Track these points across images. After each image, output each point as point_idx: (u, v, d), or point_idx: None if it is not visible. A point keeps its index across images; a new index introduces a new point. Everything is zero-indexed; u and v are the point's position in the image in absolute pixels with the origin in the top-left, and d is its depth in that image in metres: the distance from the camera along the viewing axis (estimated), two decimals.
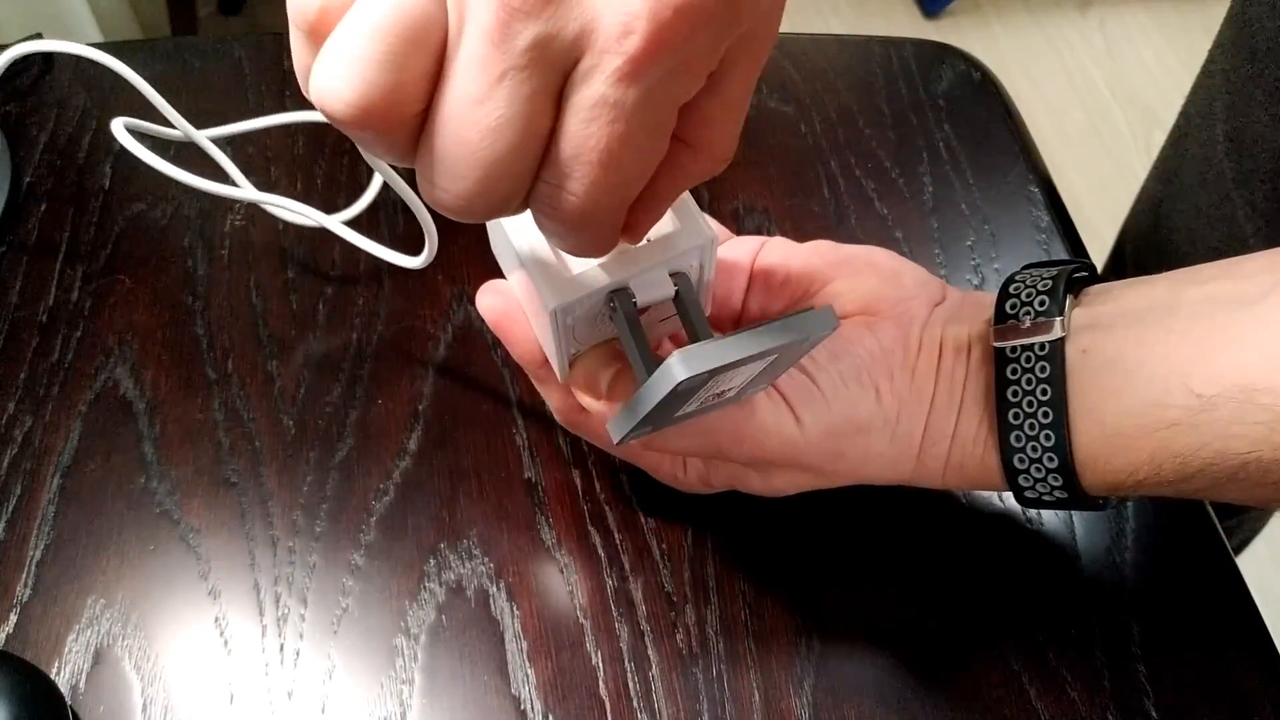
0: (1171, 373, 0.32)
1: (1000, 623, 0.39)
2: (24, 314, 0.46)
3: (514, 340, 0.36)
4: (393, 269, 0.48)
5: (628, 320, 0.32)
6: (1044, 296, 0.34)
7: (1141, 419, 0.32)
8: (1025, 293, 0.35)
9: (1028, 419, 0.34)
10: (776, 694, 0.38)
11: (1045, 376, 0.34)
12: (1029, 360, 0.34)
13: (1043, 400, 0.34)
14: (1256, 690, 0.38)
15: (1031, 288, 0.35)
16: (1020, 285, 0.35)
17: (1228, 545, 0.42)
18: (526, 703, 0.37)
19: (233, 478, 0.42)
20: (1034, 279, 0.35)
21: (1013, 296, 0.35)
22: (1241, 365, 0.31)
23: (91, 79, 0.54)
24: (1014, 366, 0.34)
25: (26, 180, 0.50)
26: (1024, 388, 0.34)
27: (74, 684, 0.37)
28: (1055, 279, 0.35)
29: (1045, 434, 0.34)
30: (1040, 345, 0.34)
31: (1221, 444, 0.31)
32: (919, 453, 0.36)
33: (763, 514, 0.41)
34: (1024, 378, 0.34)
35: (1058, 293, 0.34)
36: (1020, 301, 0.35)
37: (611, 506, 0.41)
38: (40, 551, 0.39)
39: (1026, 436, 0.34)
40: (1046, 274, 0.35)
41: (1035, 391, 0.34)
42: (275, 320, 0.46)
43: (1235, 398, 0.31)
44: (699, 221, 0.32)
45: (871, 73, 0.58)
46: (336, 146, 0.52)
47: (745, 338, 0.29)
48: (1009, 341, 0.35)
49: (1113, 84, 1.76)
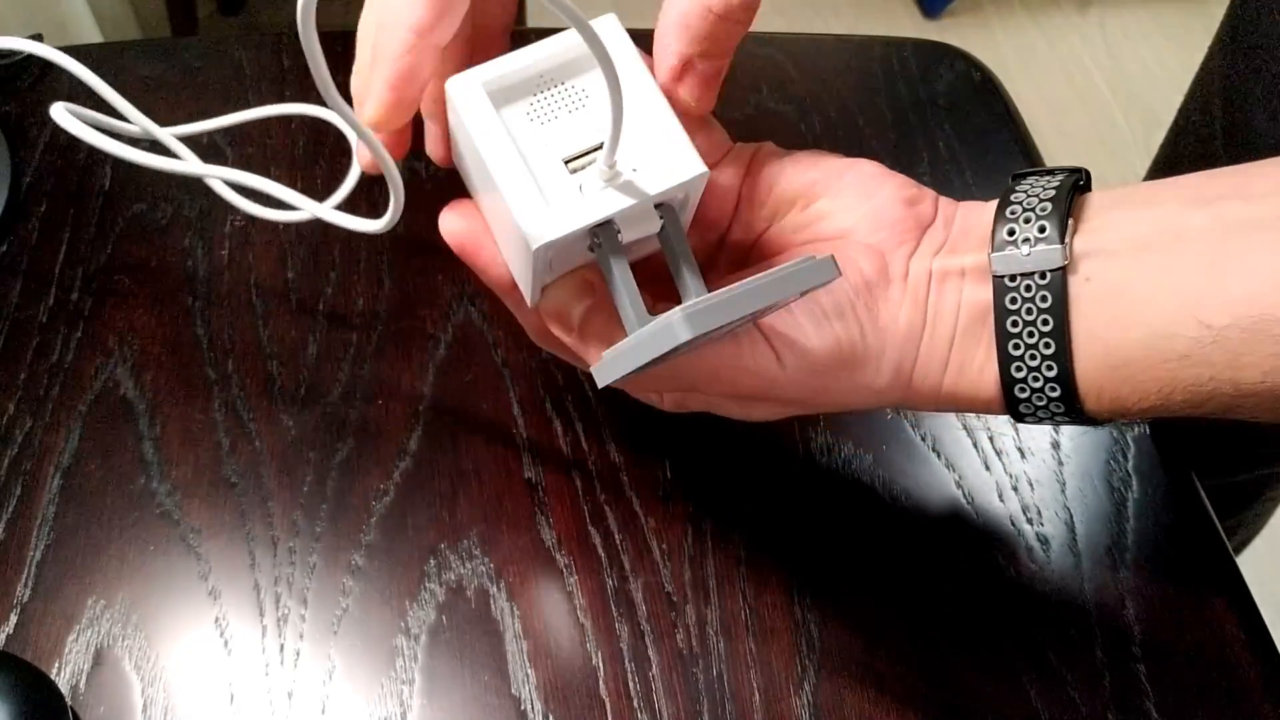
0: (1179, 303, 0.31)
1: (1000, 623, 0.39)
2: (24, 314, 0.46)
3: (482, 266, 0.34)
4: (393, 269, 0.48)
5: (614, 262, 0.31)
6: (1043, 222, 0.32)
7: (1149, 350, 0.31)
8: (1024, 216, 0.33)
9: (1029, 349, 0.33)
10: (776, 694, 0.38)
11: (1047, 307, 0.32)
12: (1029, 289, 0.32)
13: (1044, 331, 0.32)
14: (1257, 690, 0.38)
15: (1030, 210, 0.33)
16: (1018, 208, 0.33)
17: (1228, 545, 0.42)
18: (526, 703, 0.37)
19: (233, 478, 0.42)
20: (1031, 198, 0.33)
21: (1010, 220, 0.33)
22: (1251, 294, 0.30)
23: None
24: (1013, 296, 0.33)
25: (26, 180, 0.50)
26: (1024, 318, 0.33)
27: (74, 684, 0.37)
28: (1054, 199, 0.33)
29: (1047, 364, 0.33)
30: (1041, 274, 0.32)
31: (1232, 373, 0.30)
32: (909, 382, 0.35)
33: (764, 514, 0.42)
34: (1024, 307, 0.33)
35: (1058, 215, 0.32)
36: (1019, 226, 0.33)
37: (611, 506, 0.41)
38: (40, 552, 0.39)
39: (1028, 366, 0.33)
40: (1045, 191, 0.33)
41: (1036, 322, 0.32)
42: (275, 320, 0.46)
43: (1246, 328, 0.30)
44: (690, 153, 0.31)
45: (871, 73, 0.58)
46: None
47: (746, 293, 0.28)
48: (1008, 270, 0.33)
49: (1113, 84, 1.76)
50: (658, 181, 0.30)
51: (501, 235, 0.33)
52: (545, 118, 0.31)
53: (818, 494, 0.42)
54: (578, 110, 0.31)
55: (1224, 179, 0.33)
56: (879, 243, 0.34)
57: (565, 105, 0.31)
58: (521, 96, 0.31)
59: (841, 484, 0.42)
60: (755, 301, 0.28)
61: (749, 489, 0.42)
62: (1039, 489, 0.43)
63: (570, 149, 0.31)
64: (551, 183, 0.30)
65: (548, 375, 0.45)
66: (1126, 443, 0.44)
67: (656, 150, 0.31)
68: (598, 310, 0.33)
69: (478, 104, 0.30)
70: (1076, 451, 0.44)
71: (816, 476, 0.43)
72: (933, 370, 0.34)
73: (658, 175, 0.30)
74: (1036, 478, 0.43)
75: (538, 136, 0.31)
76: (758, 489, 0.42)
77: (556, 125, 0.31)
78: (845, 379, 0.34)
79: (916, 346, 0.34)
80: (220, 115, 0.47)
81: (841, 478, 0.43)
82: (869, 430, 0.44)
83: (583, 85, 0.31)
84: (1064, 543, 0.41)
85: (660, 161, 0.31)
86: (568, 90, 0.31)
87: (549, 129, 0.31)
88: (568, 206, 0.30)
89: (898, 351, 0.34)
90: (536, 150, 0.31)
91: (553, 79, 0.31)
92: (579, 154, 0.31)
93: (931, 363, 0.34)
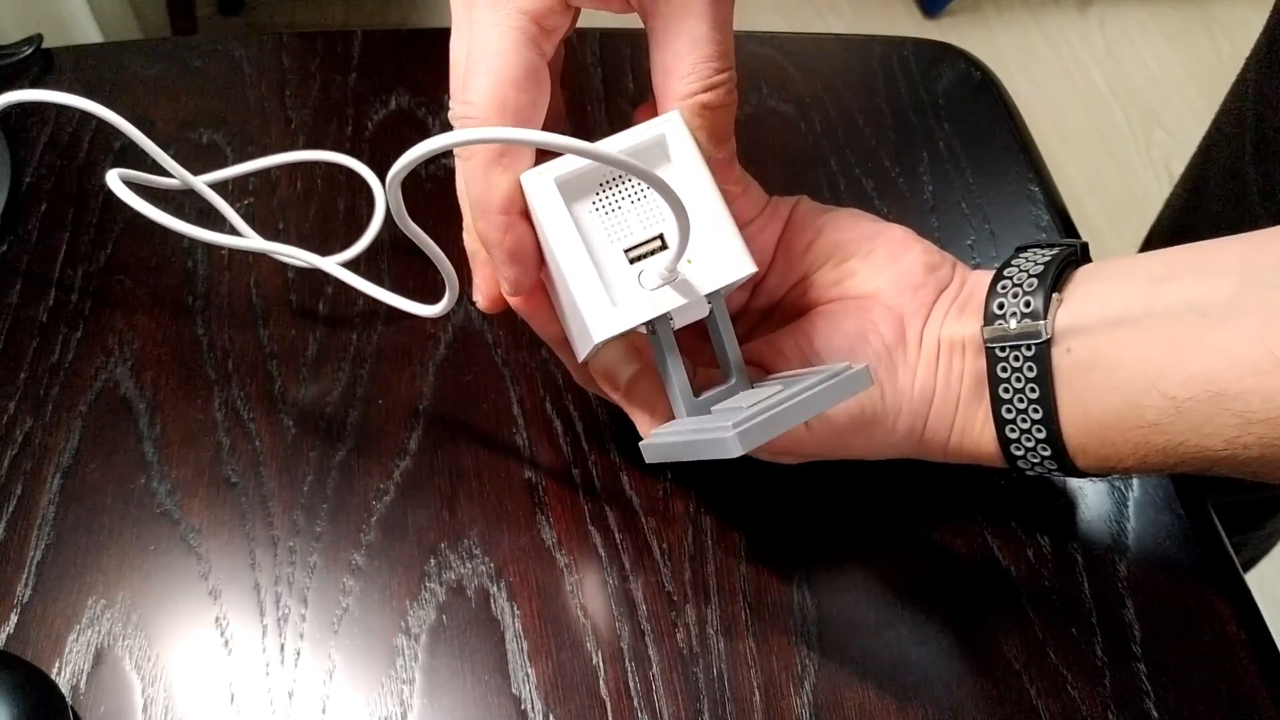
0: (1145, 376, 0.33)
1: (1001, 622, 0.39)
2: (24, 314, 0.46)
3: (539, 325, 0.37)
4: (393, 269, 0.48)
5: (665, 349, 0.34)
6: (1029, 298, 0.35)
7: (1122, 416, 0.34)
8: (1013, 292, 0.36)
9: (1019, 414, 0.36)
10: (776, 694, 0.38)
11: (1033, 376, 0.35)
12: (1018, 360, 0.35)
13: (1032, 398, 0.35)
14: (1257, 690, 0.38)
15: (1019, 286, 0.36)
16: (1008, 283, 0.36)
17: (1228, 545, 0.42)
18: (527, 702, 0.37)
19: (233, 478, 0.42)
20: (1022, 273, 0.36)
21: (1000, 296, 0.36)
22: (1210, 370, 0.32)
23: (92, 79, 0.54)
24: (1004, 365, 0.36)
25: (26, 180, 0.50)
26: (1014, 385, 0.36)
27: (74, 684, 0.37)
28: (1041, 275, 0.36)
29: (1037, 427, 0.36)
30: (1027, 346, 0.35)
31: (1198, 440, 0.33)
32: (921, 438, 0.38)
33: (764, 513, 0.42)
34: (1014, 375, 0.36)
35: (1043, 293, 0.35)
36: (1008, 301, 0.36)
37: (611, 506, 0.41)
38: (40, 551, 0.39)
39: (1020, 429, 0.36)
40: (1035, 267, 0.36)
41: (1025, 389, 0.35)
42: (275, 320, 0.46)
43: (1206, 401, 0.32)
44: (742, 252, 0.33)
45: (871, 72, 0.58)
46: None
47: (792, 407, 0.30)
48: (998, 342, 0.36)
49: (1113, 84, 1.76)
50: (711, 279, 0.33)
51: (564, 305, 0.35)
52: (610, 208, 0.34)
53: (818, 494, 0.42)
54: (640, 201, 0.34)
55: (1190, 255, 0.35)
56: (900, 305, 0.37)
57: (629, 197, 0.34)
58: (589, 189, 0.34)
59: (841, 484, 0.42)
60: (800, 414, 0.30)
61: (749, 489, 0.42)
62: (1039, 488, 0.43)
63: (631, 239, 0.34)
64: (613, 274, 0.33)
65: (548, 375, 0.45)
66: None
67: (711, 246, 0.33)
68: (643, 376, 0.36)
69: (549, 199, 0.33)
70: None
71: (816, 476, 0.43)
72: (941, 429, 0.37)
73: (711, 272, 0.33)
74: (1036, 477, 0.43)
75: (602, 228, 0.34)
76: (758, 489, 0.42)
77: (620, 215, 0.34)
78: (865, 436, 0.37)
79: (929, 407, 0.37)
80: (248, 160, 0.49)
81: (841, 478, 0.42)
82: None
83: None
84: (1064, 542, 0.41)
85: (714, 258, 0.33)
86: (632, 183, 0.34)
87: (612, 219, 0.34)
88: (628, 301, 0.33)
89: (912, 412, 0.37)
90: (601, 242, 0.33)
91: (620, 171, 0.34)
92: (639, 243, 0.34)
93: (940, 422, 0.37)
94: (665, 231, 0.34)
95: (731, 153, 0.35)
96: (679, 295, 0.33)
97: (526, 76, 0.32)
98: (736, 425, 0.29)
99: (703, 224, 0.33)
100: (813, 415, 0.31)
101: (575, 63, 0.56)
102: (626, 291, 0.33)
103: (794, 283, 0.39)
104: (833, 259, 0.38)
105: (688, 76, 0.33)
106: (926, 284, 0.38)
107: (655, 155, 0.34)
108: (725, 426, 0.30)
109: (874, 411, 0.36)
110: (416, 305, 0.43)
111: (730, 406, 0.33)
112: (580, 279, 0.33)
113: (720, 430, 0.30)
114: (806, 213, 0.39)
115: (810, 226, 0.39)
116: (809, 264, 0.39)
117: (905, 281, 0.37)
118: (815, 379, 0.32)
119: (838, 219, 0.39)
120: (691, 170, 0.34)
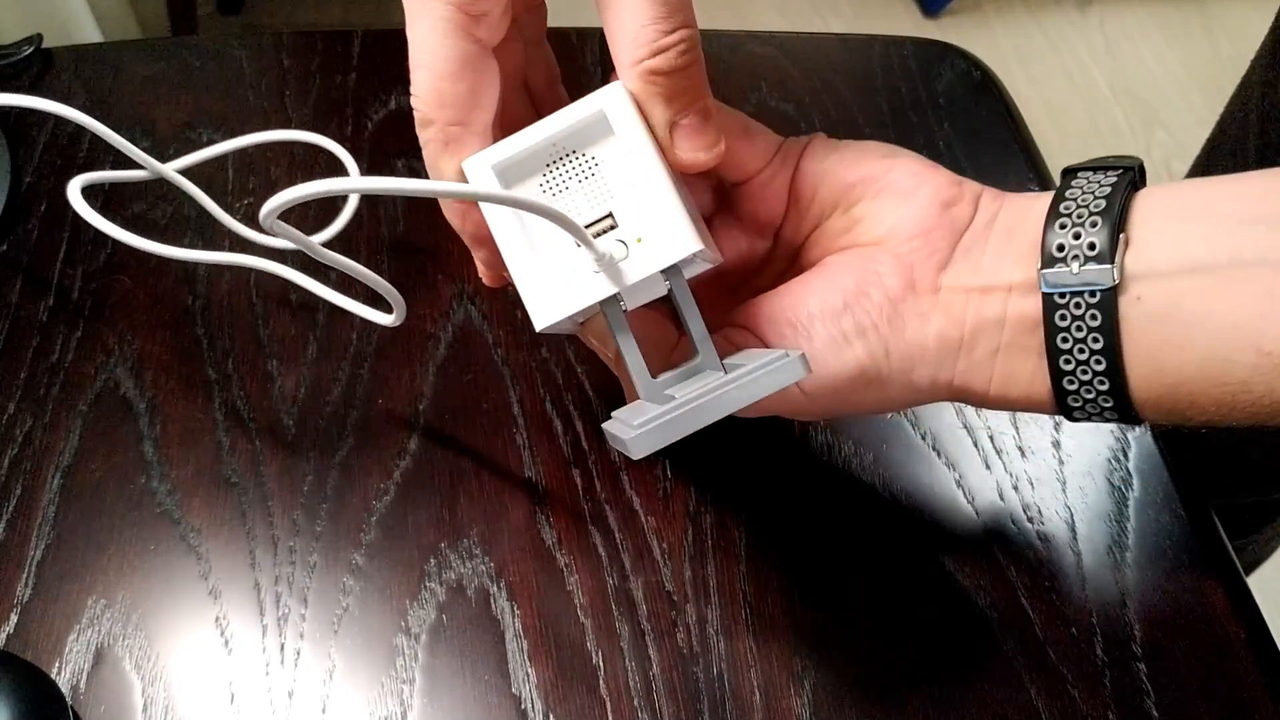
0: (1237, 330, 0.30)
1: (1001, 622, 0.39)
2: (24, 314, 0.46)
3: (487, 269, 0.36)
4: (393, 269, 0.48)
5: (616, 331, 0.33)
6: (1093, 238, 0.32)
7: (1205, 373, 0.31)
8: (1073, 231, 0.32)
9: (1080, 365, 0.32)
10: (776, 693, 0.38)
11: (1097, 325, 0.32)
12: (1079, 307, 0.32)
13: (1095, 348, 0.32)
14: (1257, 690, 0.38)
15: (1080, 224, 0.32)
16: (1068, 220, 0.32)
17: (1228, 545, 0.42)
18: (527, 702, 0.37)
19: (233, 477, 0.42)
20: (1082, 208, 0.32)
21: (1060, 234, 0.32)
22: None
23: (91, 79, 0.54)
24: (1063, 312, 0.32)
25: (26, 180, 0.50)
26: (1074, 335, 0.32)
27: (74, 684, 0.37)
28: (1105, 211, 0.32)
29: (1100, 379, 0.32)
30: (1091, 293, 0.32)
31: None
32: (951, 387, 0.35)
33: (764, 513, 0.42)
34: (1074, 324, 0.32)
35: (1108, 229, 0.31)
36: (1068, 242, 0.32)
37: (611, 506, 0.41)
38: (40, 551, 0.39)
39: (1080, 380, 0.33)
40: (1095, 201, 0.32)
41: (1087, 339, 0.32)
42: (275, 320, 0.46)
43: None
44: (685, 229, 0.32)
45: (871, 72, 0.58)
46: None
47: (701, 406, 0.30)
48: (1057, 288, 0.32)
49: (1113, 83, 1.76)
50: (655, 259, 0.32)
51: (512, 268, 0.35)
52: (558, 188, 0.33)
53: (818, 493, 0.42)
54: (588, 179, 0.33)
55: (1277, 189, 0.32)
56: (909, 253, 0.34)
57: (577, 174, 0.33)
58: (535, 170, 0.33)
59: (842, 483, 0.42)
60: (715, 413, 0.30)
61: (749, 488, 0.42)
62: (1039, 488, 0.43)
63: (580, 218, 0.33)
64: (560, 258, 0.32)
65: (548, 375, 0.45)
66: (1127, 442, 0.44)
67: (657, 222, 0.32)
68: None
69: (489, 187, 0.32)
70: (1077, 450, 0.44)
71: (816, 476, 0.43)
72: (977, 378, 0.34)
73: (657, 251, 0.32)
74: (1037, 477, 0.43)
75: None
76: (758, 488, 0.42)
77: (568, 195, 0.33)
78: (873, 394, 0.35)
79: (954, 358, 0.34)
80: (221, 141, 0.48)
81: (842, 477, 0.43)
82: (869, 430, 0.44)
83: (593, 154, 0.33)
84: (1064, 542, 0.41)
85: (660, 235, 0.32)
86: (579, 160, 0.33)
87: (561, 200, 0.33)
88: (572, 286, 0.32)
89: (932, 363, 0.34)
90: (547, 225, 0.32)
91: (565, 148, 0.33)
92: (590, 222, 0.33)
93: (976, 373, 0.34)
94: (615, 209, 0.33)
95: (702, 115, 0.32)
96: (623, 277, 0.32)
97: (461, 67, 0.31)
98: (638, 427, 0.30)
99: (648, 201, 0.32)
100: (731, 412, 0.30)
101: (575, 63, 0.56)
102: (572, 275, 0.32)
103: (807, 233, 0.37)
104: (840, 205, 0.35)
105: (633, 43, 0.31)
106: (940, 226, 0.34)
107: (597, 131, 0.33)
108: (631, 428, 0.30)
109: (876, 370, 0.34)
110: (370, 311, 0.41)
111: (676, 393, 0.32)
112: (519, 267, 0.32)
113: (627, 429, 0.30)
114: (815, 153, 0.36)
115: (816, 171, 0.36)
116: (818, 213, 0.36)
117: (915, 225, 0.34)
118: (749, 367, 0.31)
119: (845, 158, 0.36)
120: (634, 144, 0.32)
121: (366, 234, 0.49)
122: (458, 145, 0.32)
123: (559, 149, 0.33)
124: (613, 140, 0.33)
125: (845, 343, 0.33)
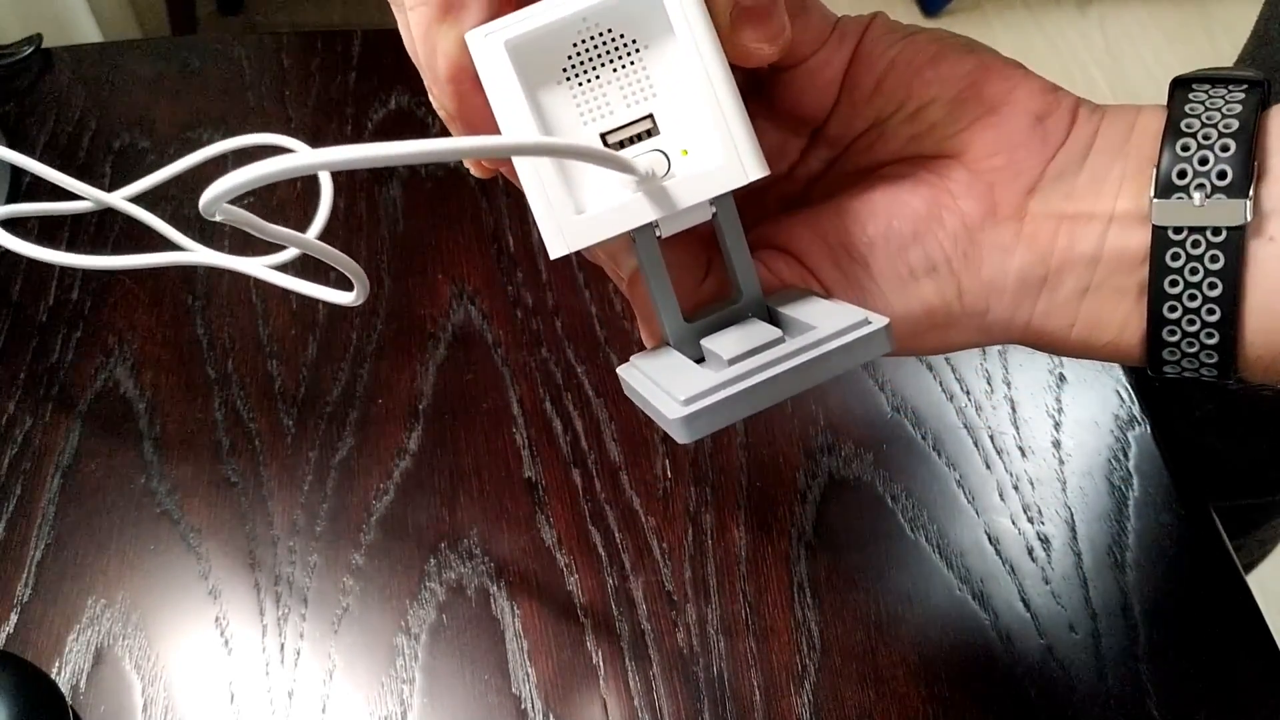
0: None
1: (1001, 622, 0.39)
2: (24, 314, 0.46)
3: None
4: (393, 269, 0.48)
5: (648, 267, 0.27)
6: (1224, 165, 0.26)
7: None
8: (1199, 154, 0.27)
9: (1188, 314, 0.28)
10: (776, 693, 0.38)
11: (1217, 269, 0.27)
12: (1197, 245, 0.27)
13: (1210, 296, 0.27)
14: (1259, 691, 0.38)
15: (1207, 147, 0.27)
16: (1191, 141, 0.27)
17: (1228, 544, 0.42)
18: (527, 701, 0.37)
19: (233, 478, 0.42)
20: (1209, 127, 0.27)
21: (1181, 158, 0.27)
22: None
23: (91, 79, 0.54)
24: (1176, 251, 0.27)
25: (26, 180, 0.50)
26: (1188, 278, 0.27)
27: (74, 684, 0.37)
28: (1237, 132, 0.27)
29: (1208, 331, 0.28)
30: (1215, 230, 0.27)
31: None
32: (1026, 328, 0.30)
33: (763, 513, 0.41)
34: (1188, 266, 0.27)
35: (1242, 156, 0.26)
36: (1191, 167, 0.27)
37: (611, 506, 0.41)
38: (40, 551, 0.39)
39: (1183, 331, 0.28)
40: (1226, 121, 0.27)
41: (1202, 285, 0.27)
42: (275, 320, 0.46)
43: None
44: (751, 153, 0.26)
45: None
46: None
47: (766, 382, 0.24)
48: (1174, 222, 0.27)
49: (1113, 84, 1.76)
50: (708, 183, 0.26)
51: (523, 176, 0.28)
52: (585, 77, 0.26)
53: (818, 493, 0.42)
54: (625, 67, 0.26)
55: None
56: (990, 171, 0.29)
57: (611, 58, 0.26)
58: (559, 51, 0.26)
59: (842, 483, 0.42)
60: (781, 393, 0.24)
61: (749, 488, 0.42)
62: (1040, 488, 0.43)
63: (613, 119, 0.26)
64: (582, 169, 0.26)
65: (548, 375, 0.45)
66: (1127, 442, 0.44)
67: (712, 137, 0.26)
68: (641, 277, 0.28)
69: (498, 68, 0.25)
70: (1077, 450, 0.44)
71: (816, 476, 0.43)
72: (1060, 322, 0.29)
73: (709, 172, 0.26)
74: (1037, 477, 0.43)
75: (574, 104, 0.26)
76: (758, 488, 0.42)
77: (598, 88, 0.26)
78: (935, 338, 0.30)
79: (1034, 300, 0.29)
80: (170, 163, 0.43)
81: (842, 477, 0.43)
82: (869, 430, 0.44)
83: (634, 37, 0.26)
84: (1065, 542, 0.41)
85: (713, 153, 0.26)
86: (616, 40, 0.26)
87: (588, 92, 0.26)
88: (598, 207, 0.26)
89: (1009, 306, 0.29)
90: (571, 124, 0.26)
91: (599, 25, 0.26)
92: (622, 124, 0.26)
93: (1055, 315, 0.29)
94: (656, 111, 0.26)
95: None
96: (664, 201, 0.26)
97: None
98: (688, 402, 0.24)
99: (702, 107, 0.26)
100: (799, 392, 0.25)
101: None
102: (599, 191, 0.26)
103: (861, 131, 0.30)
104: (907, 104, 0.29)
105: None
106: (1030, 142, 0.28)
107: (642, 6, 0.26)
108: (677, 402, 0.24)
109: (946, 313, 0.29)
110: (330, 292, 0.37)
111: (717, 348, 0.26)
112: (534, 180, 0.25)
113: (671, 403, 0.24)
114: (879, 38, 0.30)
115: (882, 59, 0.29)
116: (878, 109, 0.30)
117: (1000, 139, 0.28)
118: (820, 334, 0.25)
119: (917, 47, 0.29)
120: (690, 29, 0.25)
121: (366, 234, 0.49)
122: (459, 11, 0.25)
123: (591, 25, 0.26)
124: (661, 20, 0.26)
125: (912, 279, 0.29)
